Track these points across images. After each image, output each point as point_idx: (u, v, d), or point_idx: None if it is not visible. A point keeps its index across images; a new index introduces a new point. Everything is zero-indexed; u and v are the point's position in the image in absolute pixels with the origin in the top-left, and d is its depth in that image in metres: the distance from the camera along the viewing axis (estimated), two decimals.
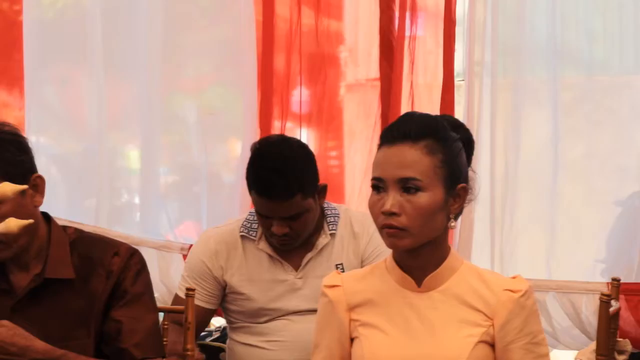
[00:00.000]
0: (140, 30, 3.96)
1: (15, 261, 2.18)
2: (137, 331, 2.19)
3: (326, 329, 2.00)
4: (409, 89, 3.67)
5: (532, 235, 3.53)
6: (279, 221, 2.72)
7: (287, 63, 3.90)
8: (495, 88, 3.57)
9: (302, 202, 2.71)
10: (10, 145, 2.15)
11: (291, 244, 2.79)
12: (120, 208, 4.16)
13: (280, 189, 2.67)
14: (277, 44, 3.89)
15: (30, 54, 4.03)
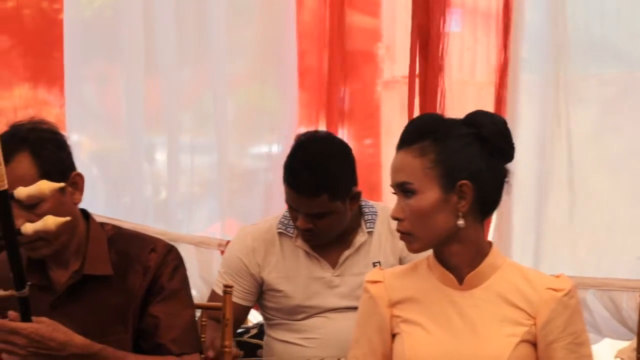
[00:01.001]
0: (177, 27, 3.98)
1: (55, 258, 2.20)
2: (174, 327, 2.20)
3: (367, 324, 2.00)
4: (448, 86, 3.65)
5: (572, 232, 3.50)
6: (303, 216, 2.72)
7: (321, 60, 3.90)
8: (535, 84, 3.54)
9: (328, 203, 2.70)
10: (49, 143, 2.17)
11: (314, 240, 2.78)
12: (158, 205, 4.18)
13: (307, 186, 2.67)
14: (314, 41, 3.89)
15: (70, 53, 4.06)
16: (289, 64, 3.87)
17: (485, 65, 3.59)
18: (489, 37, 3.57)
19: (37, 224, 1.93)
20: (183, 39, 3.99)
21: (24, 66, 4.13)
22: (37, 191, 1.92)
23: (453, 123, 1.94)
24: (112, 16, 4.09)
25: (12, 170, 2.04)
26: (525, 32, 3.53)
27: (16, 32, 4.08)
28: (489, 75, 3.58)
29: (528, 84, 3.54)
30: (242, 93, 4.11)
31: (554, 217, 3.50)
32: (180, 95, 4.03)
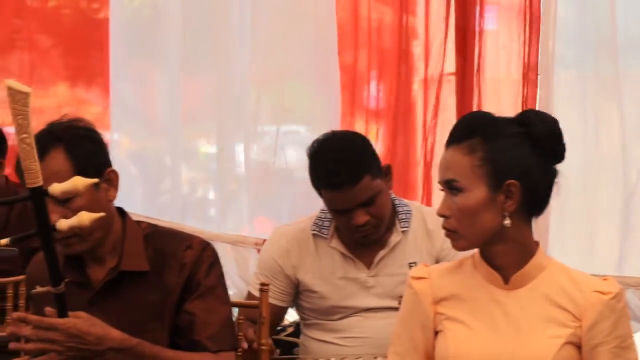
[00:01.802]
0: (216, 27, 4.00)
1: (92, 255, 2.22)
2: (210, 323, 2.20)
3: (410, 321, 2.00)
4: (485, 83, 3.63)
5: (608, 231, 3.48)
6: (357, 210, 2.69)
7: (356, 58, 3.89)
8: (571, 82, 3.52)
9: (372, 184, 2.68)
10: (85, 140, 2.19)
11: (375, 233, 2.76)
12: (194, 203, 4.21)
13: (348, 175, 2.66)
14: (351, 40, 3.89)
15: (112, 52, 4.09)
16: (326, 62, 3.87)
17: (521, 63, 3.57)
18: (525, 35, 3.55)
19: (71, 219, 1.94)
20: (221, 38, 4.01)
21: (63, 65, 4.17)
22: (72, 187, 1.93)
23: (504, 122, 1.93)
24: (151, 16, 4.11)
25: (47, 166, 2.06)
26: (560, 29, 3.51)
27: (56, 32, 4.12)
28: (524, 72, 3.57)
29: (564, 81, 3.52)
30: (279, 91, 4.12)
31: (590, 215, 3.47)
32: (217, 94, 4.04)
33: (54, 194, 1.92)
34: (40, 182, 1.88)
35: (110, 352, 2.08)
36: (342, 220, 2.75)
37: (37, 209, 1.91)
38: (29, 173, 1.86)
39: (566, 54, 3.54)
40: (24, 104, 1.82)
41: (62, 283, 2.00)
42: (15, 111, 1.82)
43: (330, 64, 3.90)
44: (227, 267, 2.33)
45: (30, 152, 1.84)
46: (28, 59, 4.14)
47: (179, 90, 4.05)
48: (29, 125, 1.83)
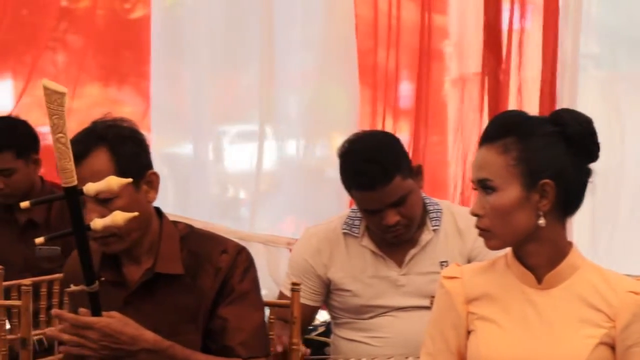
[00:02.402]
0: (244, 27, 4.01)
1: (128, 255, 2.23)
2: (243, 329, 2.19)
3: (442, 320, 1.99)
4: (516, 82, 3.62)
5: (634, 230, 3.45)
6: (388, 210, 2.70)
7: (389, 58, 3.89)
8: (601, 80, 3.50)
9: (403, 184, 2.69)
10: (128, 140, 2.19)
11: (406, 233, 2.76)
12: (225, 203, 4.22)
13: (379, 175, 2.66)
14: (382, 39, 3.89)
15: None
16: (355, 61, 3.87)
17: (551, 61, 3.56)
18: (556, 33, 3.53)
19: (105, 219, 1.95)
20: (249, 38, 4.02)
21: (96, 65, 4.19)
22: (106, 187, 1.94)
23: (538, 121, 1.92)
24: (182, 15, 4.13)
25: (89, 165, 2.08)
26: (591, 27, 3.49)
27: (89, 32, 4.14)
28: (555, 71, 3.55)
29: (594, 80, 3.50)
30: (307, 91, 4.13)
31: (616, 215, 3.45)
32: (247, 93, 4.06)
33: (88, 193, 1.93)
34: (75, 181, 1.89)
35: (143, 353, 2.09)
36: (373, 220, 2.75)
37: (71, 208, 1.92)
38: (64, 172, 1.88)
39: (596, 52, 3.52)
40: (59, 104, 1.83)
41: (96, 282, 2.01)
42: (51, 111, 1.83)
43: (359, 63, 3.90)
44: (259, 267, 2.32)
45: (66, 151, 1.86)
46: (61, 59, 4.17)
47: (211, 91, 4.06)
48: (64, 125, 1.84)
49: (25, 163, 3.49)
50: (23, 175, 3.48)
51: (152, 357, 2.10)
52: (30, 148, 3.52)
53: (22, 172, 3.48)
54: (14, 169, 3.46)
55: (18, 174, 3.47)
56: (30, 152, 3.51)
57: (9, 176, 3.47)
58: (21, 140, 3.49)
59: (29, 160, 3.50)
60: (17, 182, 3.46)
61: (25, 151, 3.48)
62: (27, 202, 1.95)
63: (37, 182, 3.56)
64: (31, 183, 3.50)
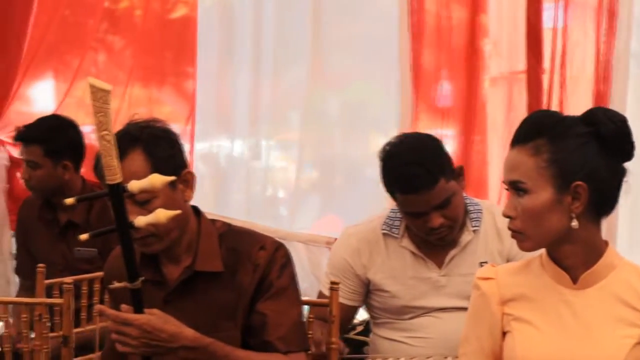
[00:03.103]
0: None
1: (167, 254, 2.24)
2: (282, 324, 2.21)
3: (477, 321, 1.98)
4: (557, 81, 3.59)
5: None
6: (432, 213, 2.69)
7: (430, 57, 3.87)
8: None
9: (446, 186, 2.68)
10: (161, 141, 2.21)
11: (449, 234, 2.75)
12: (264, 202, 4.23)
13: (423, 179, 2.65)
14: (421, 37, 3.88)
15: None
16: (394, 61, 3.87)
17: (594, 60, 3.52)
18: (598, 31, 3.50)
19: (149, 216, 1.96)
20: (290, 38, 4.03)
21: (136, 65, 4.21)
22: (149, 185, 1.95)
23: (570, 121, 1.89)
24: (224, 15, 4.14)
25: (125, 166, 2.08)
26: (634, 25, 3.45)
27: (129, 33, 4.16)
28: (597, 70, 3.51)
29: (638, 78, 3.47)
30: (348, 90, 4.12)
31: None
32: (288, 93, 4.06)
33: (132, 191, 1.94)
34: (120, 178, 1.90)
35: (183, 350, 2.11)
36: (416, 223, 2.74)
37: (115, 206, 1.94)
38: (108, 169, 1.89)
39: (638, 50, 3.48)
40: (104, 102, 1.85)
41: (139, 279, 2.02)
42: (96, 108, 1.85)
43: (399, 63, 3.88)
44: (300, 265, 2.32)
45: (110, 149, 1.87)
46: (102, 60, 4.20)
47: (251, 90, 4.08)
48: (109, 123, 1.86)
49: (53, 164, 3.51)
50: (48, 174, 3.51)
51: (192, 354, 2.12)
52: (64, 152, 3.53)
53: (48, 171, 3.51)
54: (39, 165, 3.50)
55: (42, 170, 3.51)
56: (61, 155, 3.52)
57: (34, 169, 3.51)
58: (56, 141, 3.51)
59: (58, 162, 3.52)
60: (41, 178, 3.50)
61: (55, 152, 3.50)
62: (72, 199, 1.96)
63: (77, 184, 3.58)
64: (58, 184, 3.52)
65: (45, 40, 3.95)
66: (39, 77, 4.03)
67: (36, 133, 3.52)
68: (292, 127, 4.14)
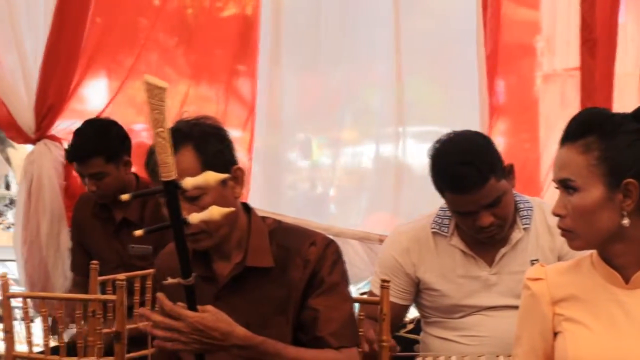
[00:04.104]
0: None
1: (218, 250, 2.25)
2: (333, 320, 2.21)
3: (528, 322, 1.96)
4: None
5: None
6: (482, 212, 2.67)
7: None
8: None
9: (497, 185, 2.66)
10: (212, 137, 2.22)
11: (499, 233, 2.73)
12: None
13: (474, 178, 2.63)
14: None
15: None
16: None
17: None
18: None
19: (202, 213, 1.97)
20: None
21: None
22: (203, 181, 1.96)
23: (621, 118, 1.87)
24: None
25: (176, 163, 2.11)
26: None
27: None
28: None
29: None
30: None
31: None
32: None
33: (186, 187, 1.96)
34: (175, 175, 1.92)
35: (234, 349, 2.11)
36: (466, 222, 2.72)
37: (169, 202, 1.95)
38: (164, 166, 1.90)
39: None
40: (160, 99, 1.86)
41: (192, 275, 2.03)
42: (152, 106, 1.86)
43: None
44: (356, 261, 2.32)
45: (166, 146, 1.89)
46: (153, 58, 4.23)
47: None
48: (164, 120, 1.87)
49: (116, 166, 3.54)
50: (114, 179, 3.53)
51: (244, 352, 2.13)
52: (120, 151, 3.56)
53: (113, 176, 3.53)
54: (105, 173, 3.52)
55: (109, 178, 3.53)
56: (120, 155, 3.55)
57: (101, 179, 3.53)
58: (110, 145, 3.54)
59: (119, 163, 3.55)
60: (109, 185, 3.52)
61: (115, 155, 3.53)
62: (127, 195, 1.97)
63: (132, 181, 3.61)
64: (123, 184, 3.55)
65: (99, 39, 3.99)
66: (93, 76, 4.06)
67: (90, 146, 3.53)
68: (343, 126, 4.13)
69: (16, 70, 3.89)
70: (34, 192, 3.92)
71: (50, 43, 3.83)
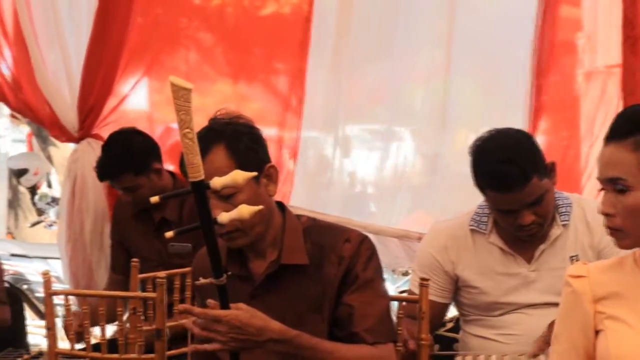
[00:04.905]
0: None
1: (253, 249, 2.27)
2: (368, 316, 2.22)
3: (569, 320, 1.95)
4: None
5: None
6: (523, 210, 2.66)
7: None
8: None
9: (539, 184, 2.65)
10: (244, 136, 2.23)
11: (539, 231, 2.72)
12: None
13: (517, 177, 2.61)
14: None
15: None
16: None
17: None
18: None
19: (231, 212, 1.99)
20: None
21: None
22: (232, 181, 1.98)
23: None
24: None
25: (209, 162, 2.11)
26: None
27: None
28: None
29: None
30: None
31: None
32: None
33: (215, 187, 1.97)
34: (202, 175, 1.93)
35: (270, 343, 2.13)
36: (507, 220, 2.71)
37: (198, 202, 1.97)
38: (191, 167, 1.92)
39: None
40: (186, 100, 1.87)
41: (224, 275, 2.05)
42: (178, 107, 1.87)
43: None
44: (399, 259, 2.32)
45: (192, 146, 1.90)
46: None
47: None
48: (191, 121, 1.88)
49: (147, 177, 3.54)
50: (147, 188, 3.53)
51: (280, 346, 2.14)
52: (147, 162, 3.56)
53: (146, 186, 3.54)
54: (137, 186, 3.54)
55: (142, 189, 3.54)
56: (148, 165, 3.55)
57: (134, 191, 3.55)
58: (136, 159, 3.53)
59: (149, 173, 3.55)
60: (143, 195, 3.51)
61: (142, 168, 3.53)
62: (157, 197, 2.00)
63: (168, 184, 3.62)
64: (158, 190, 3.54)
65: (140, 39, 4.02)
66: (133, 75, 4.10)
67: (116, 164, 3.53)
68: (381, 122, 4.13)
69: (59, 69, 3.94)
70: (77, 191, 3.96)
71: (92, 42, 3.87)
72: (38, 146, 8.52)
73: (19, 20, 3.89)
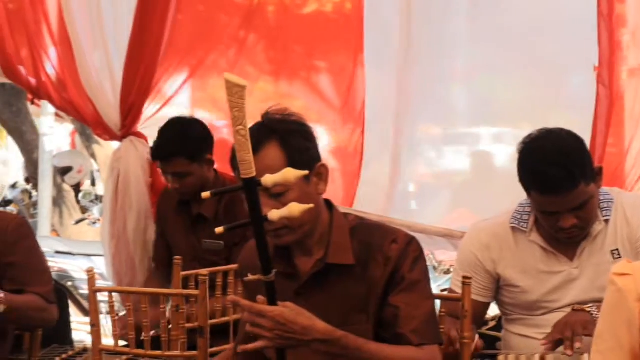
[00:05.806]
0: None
1: (300, 246, 2.27)
2: (414, 317, 2.21)
3: (613, 318, 1.93)
4: None
5: None
6: (567, 214, 2.64)
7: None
8: None
9: (586, 189, 2.62)
10: (296, 134, 2.22)
11: (580, 235, 2.70)
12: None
13: (564, 181, 2.59)
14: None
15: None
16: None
17: None
18: None
19: (282, 210, 1.99)
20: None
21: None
22: (283, 178, 1.97)
23: None
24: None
25: (261, 159, 2.11)
26: None
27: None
28: None
29: None
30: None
31: None
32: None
33: (266, 185, 1.97)
34: (254, 173, 1.93)
35: (315, 343, 2.12)
36: (549, 220, 2.69)
37: (249, 200, 1.97)
38: (243, 164, 1.92)
39: None
40: (240, 97, 1.88)
41: (273, 272, 2.05)
42: (231, 104, 1.88)
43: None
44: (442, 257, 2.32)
45: (245, 143, 1.90)
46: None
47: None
48: (244, 118, 1.89)
49: (199, 165, 3.57)
50: (197, 177, 3.57)
51: (325, 346, 2.13)
52: (203, 150, 3.59)
53: (196, 174, 3.57)
54: (188, 172, 3.56)
55: (192, 177, 3.56)
56: (202, 154, 3.58)
57: (184, 178, 3.57)
58: (193, 145, 3.57)
59: (202, 162, 3.58)
60: (191, 183, 3.55)
61: (197, 155, 3.56)
62: (208, 193, 1.99)
63: (211, 178, 3.65)
64: (204, 181, 3.58)
65: (181, 37, 4.04)
66: (174, 74, 4.12)
67: (173, 146, 3.56)
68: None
69: (102, 68, 3.97)
70: (120, 189, 4.00)
71: (133, 41, 3.90)
72: (82, 144, 8.60)
73: (64, 20, 3.93)
